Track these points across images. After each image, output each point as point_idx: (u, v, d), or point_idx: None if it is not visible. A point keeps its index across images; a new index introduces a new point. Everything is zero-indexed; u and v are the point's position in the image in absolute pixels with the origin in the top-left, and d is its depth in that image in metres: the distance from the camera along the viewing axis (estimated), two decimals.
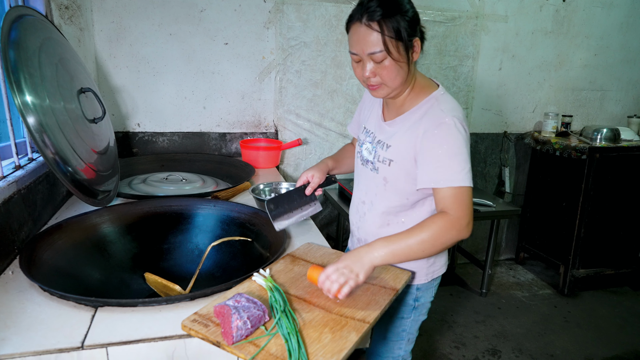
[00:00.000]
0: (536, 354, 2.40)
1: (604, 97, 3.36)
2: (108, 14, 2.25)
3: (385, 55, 1.12)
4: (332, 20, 2.57)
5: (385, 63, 1.14)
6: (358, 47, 1.15)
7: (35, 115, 1.12)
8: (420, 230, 1.11)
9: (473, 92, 3.03)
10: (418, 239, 1.10)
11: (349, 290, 1.03)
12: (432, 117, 1.18)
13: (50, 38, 1.35)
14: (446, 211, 1.13)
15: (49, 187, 1.51)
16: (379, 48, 1.11)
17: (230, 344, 0.86)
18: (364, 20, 1.11)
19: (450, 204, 1.13)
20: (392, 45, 1.11)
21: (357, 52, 1.16)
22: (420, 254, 1.11)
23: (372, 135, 1.34)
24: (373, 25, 1.10)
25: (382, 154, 1.28)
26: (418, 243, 1.10)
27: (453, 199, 1.13)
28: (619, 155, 2.84)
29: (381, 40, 1.10)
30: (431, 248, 1.11)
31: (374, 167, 1.31)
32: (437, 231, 1.10)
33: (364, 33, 1.12)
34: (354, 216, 1.45)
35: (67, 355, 0.84)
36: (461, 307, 2.85)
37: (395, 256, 1.09)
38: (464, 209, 1.13)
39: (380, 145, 1.29)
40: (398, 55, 1.13)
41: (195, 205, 1.54)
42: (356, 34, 1.14)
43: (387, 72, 1.15)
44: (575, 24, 3.09)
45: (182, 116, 2.48)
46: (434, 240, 1.10)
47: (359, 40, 1.14)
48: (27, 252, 1.13)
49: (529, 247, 3.36)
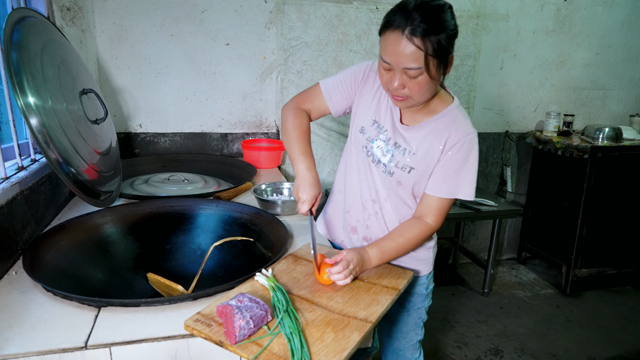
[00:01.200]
0: (538, 354, 2.40)
1: (606, 96, 3.35)
2: (109, 15, 2.25)
3: (422, 72, 1.07)
4: (333, 21, 2.58)
5: (419, 79, 1.09)
6: (393, 59, 1.08)
7: (38, 117, 1.12)
8: (403, 236, 1.25)
9: (474, 92, 3.03)
10: (402, 244, 1.25)
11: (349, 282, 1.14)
12: (461, 131, 1.21)
13: (52, 39, 1.35)
14: (425, 219, 1.27)
15: (52, 188, 1.51)
16: (417, 65, 1.06)
17: (233, 343, 0.86)
18: (406, 33, 1.03)
19: (433, 212, 1.26)
20: (432, 63, 1.06)
21: (391, 63, 1.09)
22: (401, 255, 1.29)
23: (387, 134, 1.28)
24: (416, 41, 1.03)
25: (402, 160, 1.25)
26: (402, 247, 1.26)
27: (438, 208, 1.26)
28: (621, 155, 2.84)
29: (422, 57, 1.04)
30: (410, 250, 1.30)
31: (388, 171, 1.28)
32: (416, 237, 1.26)
33: (403, 46, 1.04)
34: (359, 213, 1.38)
35: (70, 355, 0.84)
36: (463, 307, 2.85)
37: (383, 260, 1.25)
38: (442, 219, 1.28)
39: (400, 150, 1.26)
40: (435, 73, 1.09)
41: (197, 206, 1.54)
42: (394, 45, 1.06)
43: (419, 88, 1.11)
44: (577, 23, 3.09)
45: (184, 117, 2.49)
46: (413, 245, 1.28)
47: (396, 52, 1.06)
48: (31, 252, 1.13)
49: (531, 247, 3.35)
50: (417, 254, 1.39)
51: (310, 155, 1.31)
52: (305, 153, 1.29)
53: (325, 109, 1.39)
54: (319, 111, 1.40)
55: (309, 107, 1.40)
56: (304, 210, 1.23)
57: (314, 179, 1.25)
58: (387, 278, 1.19)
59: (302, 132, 1.33)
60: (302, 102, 1.40)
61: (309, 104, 1.40)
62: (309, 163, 1.28)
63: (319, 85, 1.39)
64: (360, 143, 1.33)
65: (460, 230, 3.26)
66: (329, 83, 1.37)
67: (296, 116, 1.36)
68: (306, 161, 1.28)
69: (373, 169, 1.32)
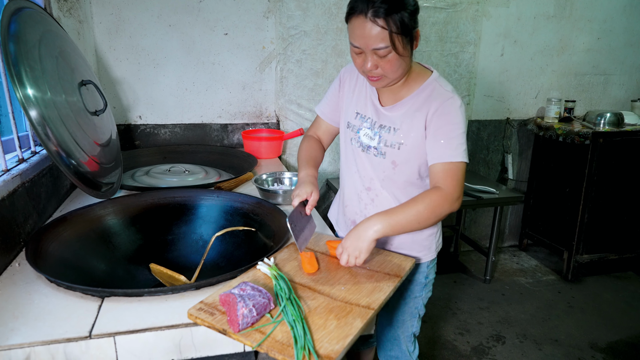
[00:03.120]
0: (540, 339, 2.42)
1: (607, 81, 3.33)
2: (107, 5, 2.24)
3: (390, 50, 1.12)
4: (332, 9, 2.55)
5: (389, 57, 1.14)
6: (361, 41, 1.13)
7: (37, 108, 1.12)
8: (416, 203, 1.18)
9: (475, 79, 3.01)
10: (414, 212, 1.17)
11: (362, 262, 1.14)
12: (440, 97, 1.23)
13: (50, 31, 1.34)
14: (439, 186, 1.20)
15: (53, 180, 1.51)
16: (384, 44, 1.11)
17: (236, 331, 0.87)
18: (369, 16, 1.08)
19: (444, 178, 1.20)
20: (398, 40, 1.11)
21: (360, 46, 1.14)
22: (415, 225, 1.19)
23: (370, 120, 1.34)
24: (379, 22, 1.08)
25: (389, 138, 1.29)
26: (414, 215, 1.17)
27: (447, 173, 1.20)
28: (623, 140, 2.83)
29: (387, 36, 1.09)
30: (426, 220, 1.19)
31: (380, 152, 1.31)
32: (431, 204, 1.18)
33: (369, 29, 1.10)
34: (355, 205, 1.43)
35: (75, 344, 0.85)
36: (465, 294, 2.86)
37: (394, 229, 1.17)
38: (455, 184, 1.20)
39: (386, 129, 1.30)
40: (403, 49, 1.13)
41: (198, 196, 1.54)
42: (360, 29, 1.12)
43: (390, 65, 1.16)
44: (578, 7, 3.06)
45: (184, 108, 2.48)
46: (430, 213, 1.18)
47: (363, 35, 1.12)
48: (33, 244, 1.13)
49: (533, 234, 3.36)
50: (417, 239, 1.39)
51: (312, 166, 1.39)
52: (308, 164, 1.39)
53: (328, 127, 1.51)
54: (326, 133, 1.53)
55: (319, 134, 1.53)
56: (295, 202, 1.26)
57: (310, 182, 1.31)
58: (389, 265, 1.19)
59: (307, 151, 1.45)
60: (312, 131, 1.55)
61: (317, 131, 1.53)
62: (311, 170, 1.37)
63: (315, 110, 1.54)
64: (348, 137, 1.40)
65: (462, 218, 3.27)
66: (320, 103, 1.51)
67: (305, 142, 1.49)
68: (308, 169, 1.37)
69: (363, 157, 1.36)
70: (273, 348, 0.83)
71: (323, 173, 2.85)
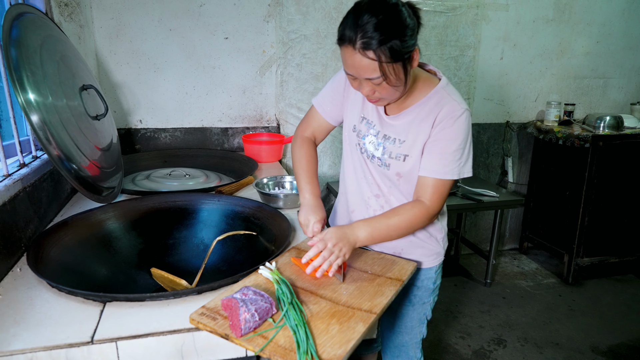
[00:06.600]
0: (541, 343, 2.41)
1: (607, 84, 3.34)
2: (107, 10, 2.24)
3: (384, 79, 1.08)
4: (332, 13, 2.56)
5: (384, 84, 1.09)
6: (353, 71, 1.09)
7: (39, 113, 1.12)
8: (398, 215, 1.19)
9: (474, 82, 3.02)
10: (395, 224, 1.19)
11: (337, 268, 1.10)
12: (448, 108, 1.19)
13: (51, 35, 1.35)
14: (423, 200, 1.21)
15: (54, 185, 1.51)
16: (376, 75, 1.06)
17: (238, 336, 0.87)
18: (358, 47, 1.02)
19: (430, 193, 1.21)
20: (390, 69, 1.05)
21: (353, 74, 1.10)
22: (393, 237, 1.22)
23: (376, 128, 1.29)
24: (369, 54, 1.02)
25: (394, 149, 1.25)
26: (395, 227, 1.19)
27: (434, 189, 1.20)
28: (623, 143, 2.83)
29: (378, 68, 1.04)
30: (403, 232, 1.21)
31: (384, 164, 1.28)
32: (411, 218, 1.19)
33: (359, 60, 1.04)
34: (363, 211, 1.39)
35: (77, 350, 0.85)
36: (466, 297, 2.86)
37: (374, 239, 1.19)
38: (440, 202, 1.22)
39: (390, 140, 1.26)
40: (395, 77, 1.08)
41: (199, 200, 1.54)
42: (350, 59, 1.06)
43: (387, 91, 1.12)
44: (577, 11, 3.07)
45: (184, 112, 2.48)
46: (408, 226, 1.20)
47: (354, 65, 1.07)
48: (34, 249, 1.13)
49: (533, 237, 3.36)
50: (424, 244, 1.37)
51: (315, 183, 1.37)
52: (311, 182, 1.35)
53: (325, 124, 1.44)
54: (321, 130, 1.46)
55: (311, 130, 1.46)
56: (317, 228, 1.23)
57: (318, 205, 1.30)
58: (391, 269, 1.19)
59: (307, 162, 1.39)
60: (304, 129, 1.46)
61: (309, 128, 1.46)
62: (314, 190, 1.34)
63: (313, 102, 1.44)
64: (353, 141, 1.36)
65: (462, 221, 3.27)
66: (320, 97, 1.42)
67: (301, 146, 1.42)
68: (311, 189, 1.34)
69: (369, 164, 1.33)
70: (276, 353, 0.83)
71: (323, 177, 2.85)
